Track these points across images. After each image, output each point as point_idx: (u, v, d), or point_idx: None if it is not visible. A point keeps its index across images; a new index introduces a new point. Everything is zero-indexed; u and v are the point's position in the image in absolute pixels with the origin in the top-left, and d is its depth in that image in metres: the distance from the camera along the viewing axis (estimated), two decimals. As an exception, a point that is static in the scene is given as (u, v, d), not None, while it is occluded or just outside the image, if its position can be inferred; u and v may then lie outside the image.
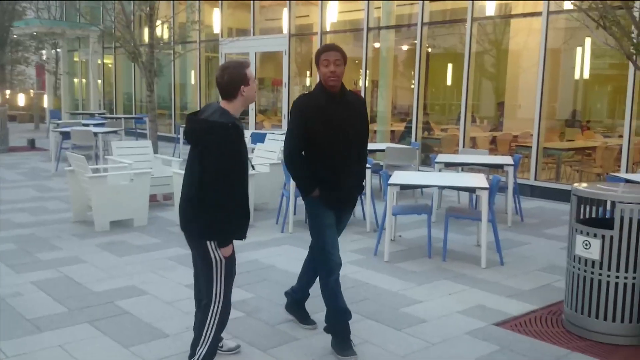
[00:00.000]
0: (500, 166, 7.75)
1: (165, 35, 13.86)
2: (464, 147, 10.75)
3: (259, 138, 10.45)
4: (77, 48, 22.29)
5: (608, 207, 4.06)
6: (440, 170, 7.54)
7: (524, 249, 6.41)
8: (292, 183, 6.96)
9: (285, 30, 14.06)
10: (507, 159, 7.89)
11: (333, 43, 3.78)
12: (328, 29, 13.40)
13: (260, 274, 5.44)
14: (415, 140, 11.54)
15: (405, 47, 12.71)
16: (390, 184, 5.86)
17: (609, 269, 3.96)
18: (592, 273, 4.03)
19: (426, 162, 10.90)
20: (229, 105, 3.22)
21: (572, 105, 13.23)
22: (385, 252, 5.92)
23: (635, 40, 3.72)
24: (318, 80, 3.75)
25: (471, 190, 6.29)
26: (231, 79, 3.19)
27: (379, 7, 12.53)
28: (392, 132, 13.02)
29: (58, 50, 21.34)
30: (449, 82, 12.51)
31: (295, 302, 4.26)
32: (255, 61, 14.98)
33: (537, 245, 6.61)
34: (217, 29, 16.06)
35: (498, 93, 13.83)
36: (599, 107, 12.81)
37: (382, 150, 9.18)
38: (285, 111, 14.23)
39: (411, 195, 9.14)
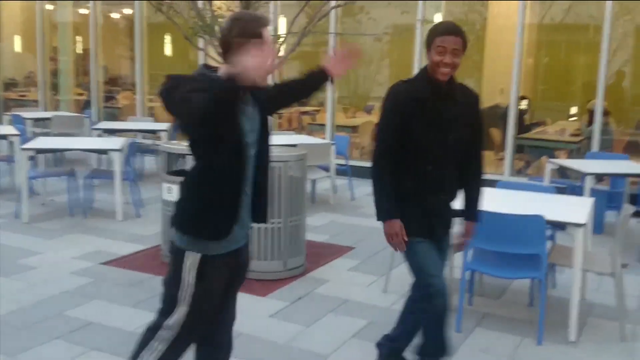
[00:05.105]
0: (154, 131, 8.57)
1: None
2: (142, 115, 11.35)
3: None
4: None
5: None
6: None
7: (164, 203, 7.28)
8: None
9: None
10: (162, 126, 8.73)
11: (451, 22, 2.94)
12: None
13: None
14: (97, 110, 11.86)
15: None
16: (23, 149, 6.19)
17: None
18: (174, 212, 4.98)
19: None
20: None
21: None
22: (24, 214, 6.26)
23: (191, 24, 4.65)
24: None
25: (104, 151, 6.90)
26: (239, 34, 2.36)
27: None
28: (77, 101, 13.06)
29: None
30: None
31: (394, 352, 3.29)
32: None
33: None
34: None
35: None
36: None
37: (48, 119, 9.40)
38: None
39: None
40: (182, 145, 5.17)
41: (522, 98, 8.69)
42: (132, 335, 3.65)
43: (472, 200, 3.08)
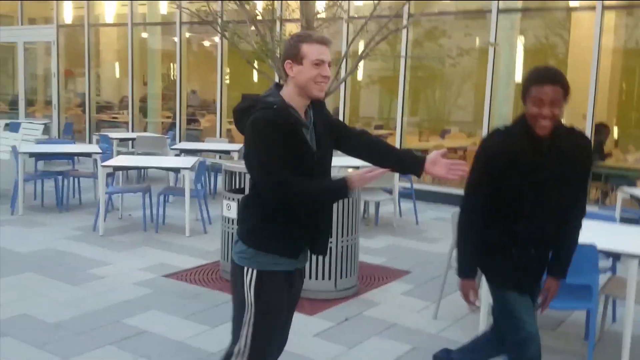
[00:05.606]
0: (228, 152, 8.88)
1: None
2: (220, 136, 11.79)
3: (14, 127, 10.69)
4: None
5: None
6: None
7: (231, 221, 7.51)
8: (21, 165, 7.36)
9: (54, 20, 14.09)
10: (235, 147, 9.04)
11: (549, 68, 2.61)
12: (101, 22, 13.76)
13: (-32, 250, 5.89)
14: (180, 131, 12.44)
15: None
16: (102, 166, 6.60)
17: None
18: (232, 229, 5.15)
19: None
20: (285, 88, 2.46)
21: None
22: (100, 227, 6.65)
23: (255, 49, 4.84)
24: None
25: (176, 170, 7.22)
26: (284, 52, 2.45)
27: (144, 4, 13.14)
28: (164, 123, 13.75)
29: None
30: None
31: None
32: (22, 52, 14.76)
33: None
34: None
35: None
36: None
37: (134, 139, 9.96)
38: (55, 101, 14.23)
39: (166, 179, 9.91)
40: (236, 164, 5.34)
41: (601, 125, 8.33)
42: (180, 344, 3.81)
43: (562, 255, 2.83)
